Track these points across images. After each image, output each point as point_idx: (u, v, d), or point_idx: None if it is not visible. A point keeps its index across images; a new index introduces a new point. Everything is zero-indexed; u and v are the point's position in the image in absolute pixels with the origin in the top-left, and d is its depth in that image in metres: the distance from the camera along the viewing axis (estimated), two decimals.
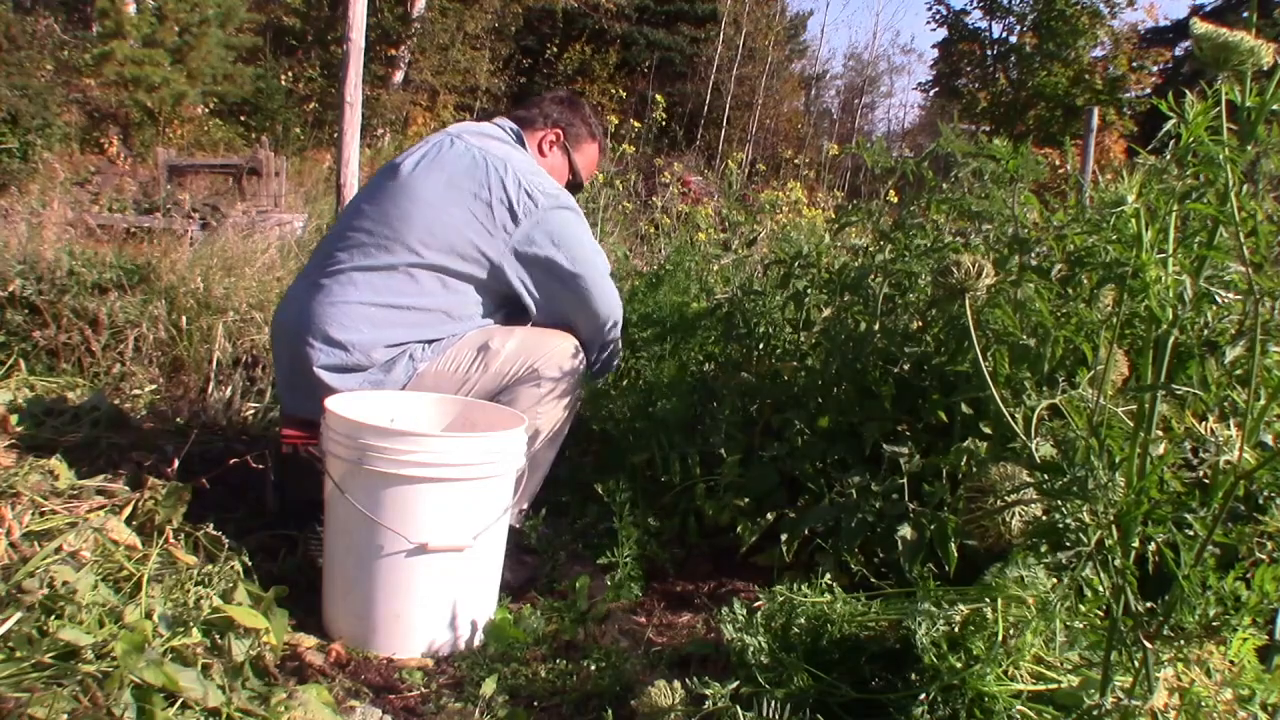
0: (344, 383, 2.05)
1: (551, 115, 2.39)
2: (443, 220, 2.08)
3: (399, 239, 2.08)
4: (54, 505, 1.79)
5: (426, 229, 2.08)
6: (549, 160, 2.37)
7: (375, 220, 2.12)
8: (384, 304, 2.07)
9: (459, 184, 2.11)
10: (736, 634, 1.50)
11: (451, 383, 2.11)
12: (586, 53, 19.42)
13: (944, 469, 1.94)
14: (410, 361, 2.08)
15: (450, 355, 2.11)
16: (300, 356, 2.06)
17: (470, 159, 2.15)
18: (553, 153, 2.39)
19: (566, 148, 2.39)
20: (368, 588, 1.78)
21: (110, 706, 1.24)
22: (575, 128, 2.41)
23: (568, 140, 2.39)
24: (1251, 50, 1.11)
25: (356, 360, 2.05)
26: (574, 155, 2.41)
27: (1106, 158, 13.14)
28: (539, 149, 2.36)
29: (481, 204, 2.09)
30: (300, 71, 15.52)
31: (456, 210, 2.09)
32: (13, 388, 2.94)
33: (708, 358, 2.60)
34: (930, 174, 2.19)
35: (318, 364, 2.05)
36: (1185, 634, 1.20)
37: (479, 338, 2.13)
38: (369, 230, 2.11)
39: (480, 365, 2.11)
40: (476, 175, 2.11)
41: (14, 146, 8.43)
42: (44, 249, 3.68)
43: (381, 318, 2.06)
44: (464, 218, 2.09)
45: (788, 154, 11.27)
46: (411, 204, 2.10)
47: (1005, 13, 19.12)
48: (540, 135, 2.37)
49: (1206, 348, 1.72)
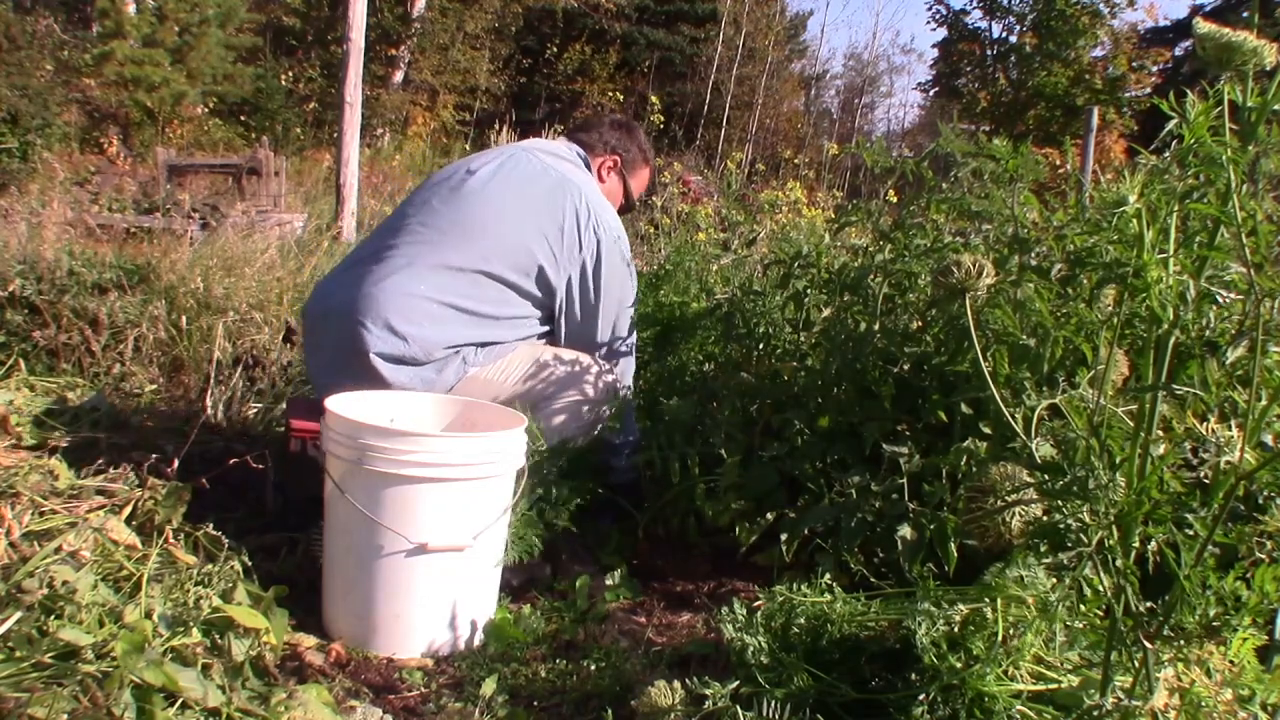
0: (396, 374, 2.06)
1: (610, 141, 2.48)
2: (516, 234, 2.15)
3: (471, 242, 2.12)
4: (54, 505, 1.78)
5: (499, 238, 2.14)
6: (607, 185, 2.47)
7: (447, 219, 2.15)
8: (447, 303, 2.09)
9: (536, 203, 2.18)
10: (736, 634, 1.50)
11: (500, 391, 2.15)
12: (586, 53, 19.42)
13: (944, 469, 1.94)
14: (463, 364, 2.12)
15: (501, 365, 2.15)
16: (355, 339, 2.05)
17: (549, 180, 2.23)
18: (610, 178, 2.48)
19: (623, 174, 2.49)
20: (368, 588, 1.78)
21: (110, 706, 1.24)
22: (631, 153, 2.51)
23: (624, 166, 2.49)
24: (1254, 50, 1.11)
25: (414, 354, 2.06)
26: (629, 180, 2.51)
27: (1106, 158, 13.14)
28: (599, 174, 2.46)
29: (555, 227, 2.17)
30: (300, 71, 15.53)
31: (529, 228, 2.15)
32: (13, 388, 2.94)
33: (708, 358, 2.60)
34: (930, 174, 2.19)
35: (374, 350, 2.04)
36: (1185, 634, 1.20)
37: (532, 353, 2.18)
38: (440, 229, 2.14)
39: (526, 383, 2.16)
40: (555, 198, 2.19)
41: (14, 146, 8.42)
42: (44, 249, 3.68)
43: (443, 315, 2.09)
44: (535, 236, 2.15)
45: (787, 154, 11.27)
46: (485, 210, 2.16)
47: (1005, 13, 19.11)
48: (600, 161, 2.47)
49: (1207, 348, 1.72)
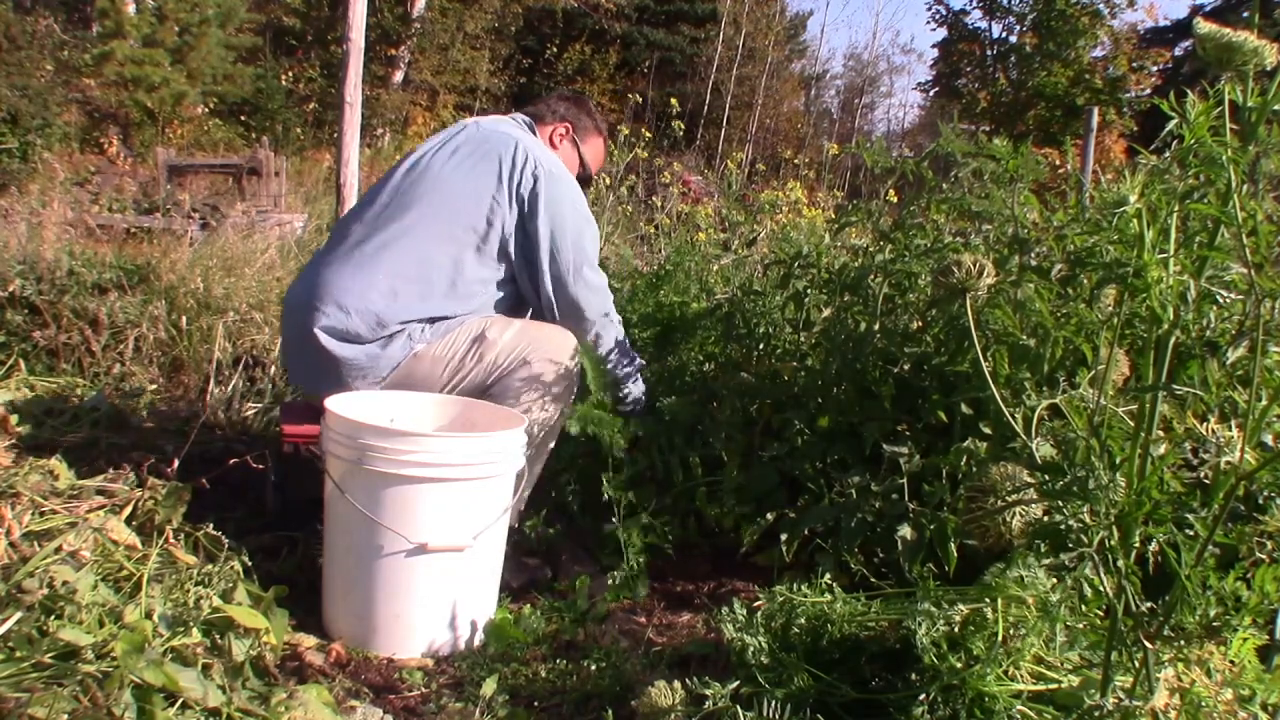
0: (341, 350, 2.05)
1: (559, 111, 2.47)
2: (455, 190, 2.15)
3: (412, 209, 2.13)
4: (54, 505, 1.78)
5: (440, 200, 2.14)
6: (560, 152, 2.44)
7: (392, 199, 2.17)
8: (394, 276, 2.09)
9: (473, 161, 2.18)
10: (736, 634, 1.50)
11: (447, 369, 2.11)
12: (586, 53, 19.43)
13: (944, 469, 1.94)
14: (409, 340, 2.08)
15: (449, 340, 2.11)
16: (306, 320, 2.07)
17: (482, 136, 2.23)
18: (563, 145, 2.46)
19: (575, 141, 2.47)
20: (368, 588, 1.78)
21: (110, 706, 1.24)
22: (582, 121, 2.49)
23: (576, 134, 2.48)
24: (1255, 50, 1.11)
25: (357, 329, 2.05)
26: (582, 148, 2.48)
27: (1106, 158, 13.14)
28: (550, 141, 2.44)
29: (493, 178, 2.15)
30: (300, 71, 15.53)
31: (468, 189, 2.15)
32: (13, 388, 2.94)
33: (708, 358, 2.60)
34: (930, 174, 2.19)
35: (317, 325, 2.05)
36: (1186, 634, 1.20)
37: (477, 325, 2.13)
38: (385, 206, 2.16)
39: (475, 355, 2.11)
40: (492, 153, 2.19)
41: (14, 146, 8.43)
42: (44, 249, 3.68)
43: (389, 289, 2.08)
44: (475, 189, 2.15)
45: (788, 154, 11.26)
46: (424, 182, 2.17)
47: (1005, 13, 19.12)
48: (551, 129, 2.45)
49: (1207, 348, 1.72)
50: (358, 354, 2.06)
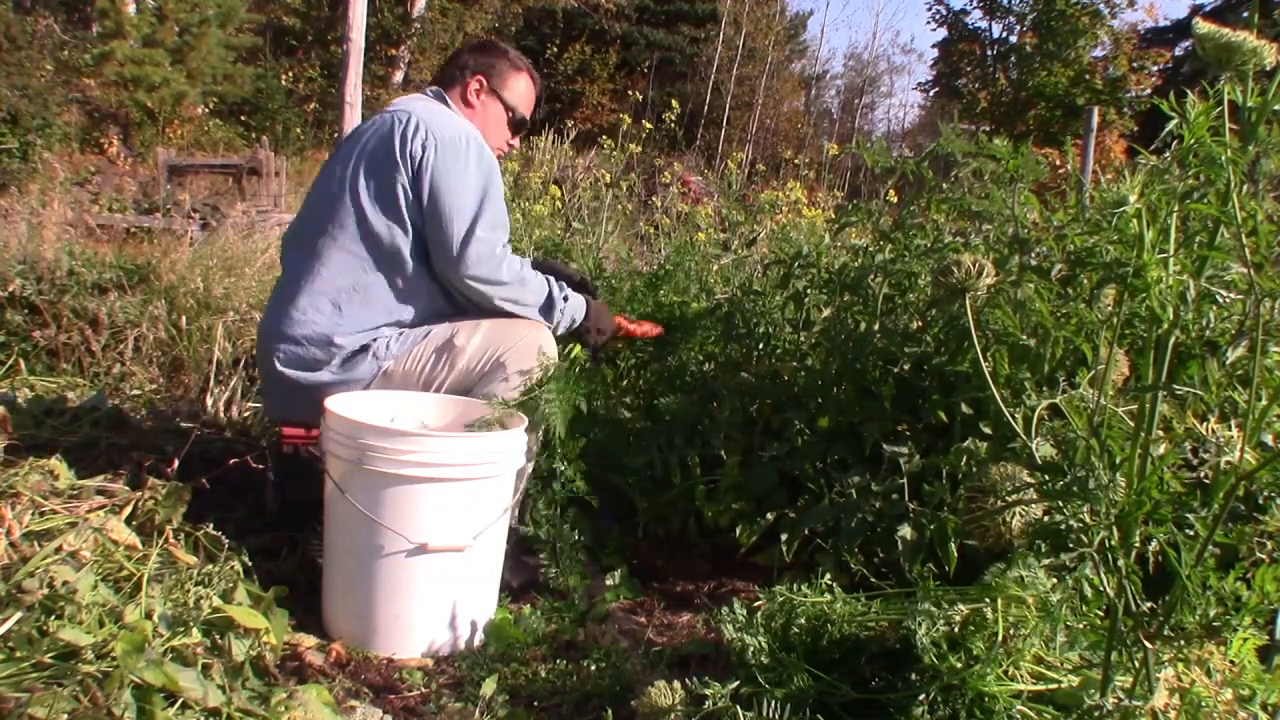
0: (309, 378, 2.04)
1: (468, 64, 2.31)
2: (360, 188, 2.05)
3: (332, 218, 2.06)
4: (54, 505, 1.78)
5: (350, 201, 2.05)
6: (480, 108, 2.30)
7: (312, 212, 2.13)
8: (332, 289, 2.04)
9: (370, 150, 2.08)
10: (736, 634, 1.50)
11: (420, 382, 2.09)
12: (586, 53, 19.44)
13: (944, 469, 1.94)
14: (375, 360, 2.05)
15: (415, 354, 2.08)
16: (270, 363, 2.08)
17: (377, 123, 2.12)
18: (480, 99, 2.30)
19: (495, 90, 2.31)
20: (368, 588, 1.78)
21: (110, 706, 1.24)
22: (496, 66, 2.31)
23: (493, 83, 2.31)
24: (1254, 50, 1.11)
25: (312, 354, 2.04)
26: (504, 95, 2.32)
27: (1106, 158, 13.14)
28: (465, 101, 2.29)
29: (391, 162, 2.05)
30: (300, 71, 15.54)
31: (371, 177, 2.06)
32: (13, 388, 2.94)
33: (708, 358, 2.60)
34: (930, 174, 2.19)
35: (280, 363, 2.06)
36: (1186, 634, 1.20)
37: (444, 334, 2.09)
38: (310, 219, 2.12)
39: (446, 364, 2.07)
40: (385, 132, 2.07)
41: (14, 146, 8.44)
42: (44, 249, 3.68)
43: (330, 305, 2.04)
44: (380, 179, 2.05)
45: (788, 154, 11.26)
46: (331, 182, 2.10)
47: (1005, 13, 19.13)
48: (463, 88, 2.29)
49: (1207, 348, 1.72)
50: (324, 378, 2.03)
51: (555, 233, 4.14)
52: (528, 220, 4.31)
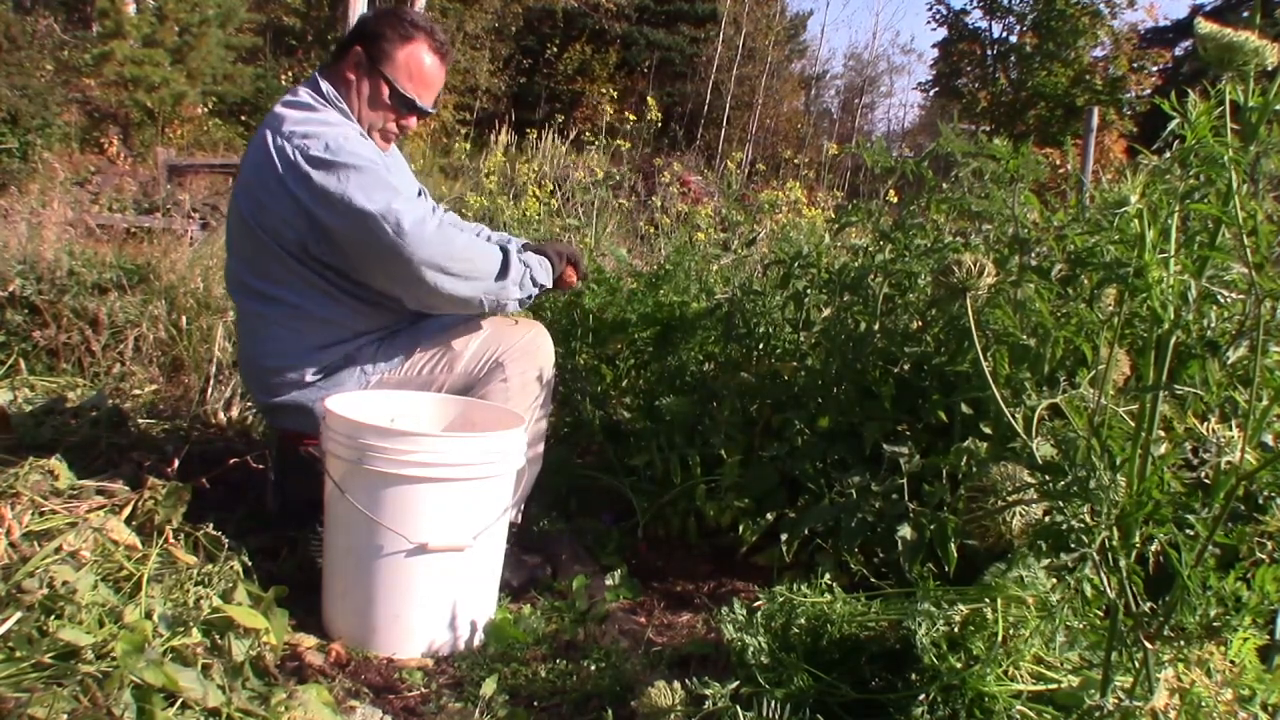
0: (297, 400, 2.04)
1: (350, 37, 2.01)
2: (259, 220, 1.93)
3: (249, 246, 1.97)
4: (54, 505, 1.78)
5: (260, 225, 1.93)
6: (354, 84, 1.99)
7: (233, 249, 2.07)
8: (282, 318, 1.99)
9: (253, 174, 1.93)
10: (736, 634, 1.50)
11: (418, 388, 2.08)
12: (586, 53, 19.44)
13: (944, 469, 1.94)
14: (362, 374, 2.03)
15: (410, 363, 2.06)
16: (253, 394, 2.13)
17: (254, 144, 1.95)
18: (356, 76, 1.98)
19: (374, 62, 1.96)
20: (368, 588, 1.78)
21: (110, 706, 1.24)
22: (379, 36, 1.97)
23: (371, 53, 1.96)
24: (1256, 50, 1.11)
25: (290, 380, 2.02)
26: (385, 69, 1.97)
27: (1106, 158, 13.13)
28: (343, 78, 1.99)
29: (273, 182, 1.87)
30: (300, 71, 15.52)
31: (261, 207, 1.92)
32: (13, 388, 2.94)
33: (708, 358, 2.60)
34: (930, 174, 2.19)
35: (263, 400, 2.10)
36: (1186, 634, 1.20)
37: (442, 338, 2.07)
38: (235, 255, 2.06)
39: (445, 367, 2.06)
40: (257, 159, 1.91)
41: (14, 146, 8.44)
42: (44, 249, 3.68)
43: (286, 333, 1.99)
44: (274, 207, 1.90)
45: (787, 154, 11.26)
46: (241, 211, 1.97)
47: (1005, 13, 19.13)
48: (342, 66, 1.98)
49: (1208, 348, 1.72)
50: (309, 395, 2.02)
51: (553, 230, 4.14)
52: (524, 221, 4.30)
